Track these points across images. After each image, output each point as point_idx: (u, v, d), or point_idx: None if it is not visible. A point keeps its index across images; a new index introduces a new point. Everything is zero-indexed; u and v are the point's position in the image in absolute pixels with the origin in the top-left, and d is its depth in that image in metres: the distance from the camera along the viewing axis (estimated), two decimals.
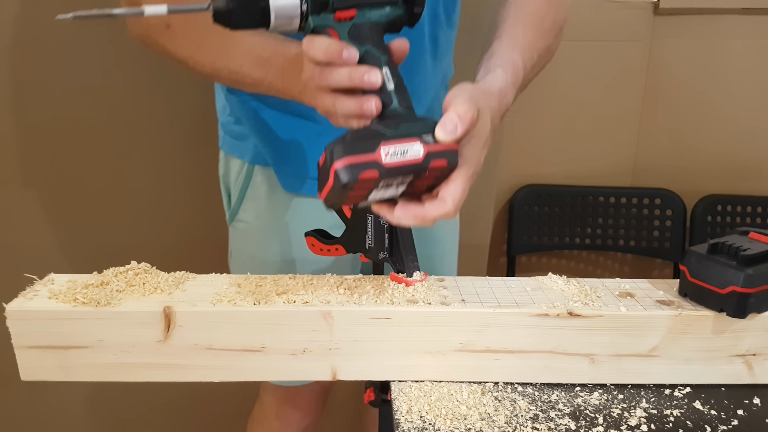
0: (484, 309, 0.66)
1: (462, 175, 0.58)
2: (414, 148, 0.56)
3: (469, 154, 0.60)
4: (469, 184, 0.59)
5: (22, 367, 0.66)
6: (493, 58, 0.72)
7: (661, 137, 1.62)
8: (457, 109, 0.57)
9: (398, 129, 0.57)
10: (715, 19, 1.52)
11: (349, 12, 0.60)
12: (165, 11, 0.57)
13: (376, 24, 0.61)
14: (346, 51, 0.59)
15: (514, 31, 0.76)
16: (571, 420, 0.63)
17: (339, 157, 0.54)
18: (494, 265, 1.70)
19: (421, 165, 0.56)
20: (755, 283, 0.63)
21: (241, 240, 0.99)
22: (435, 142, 0.57)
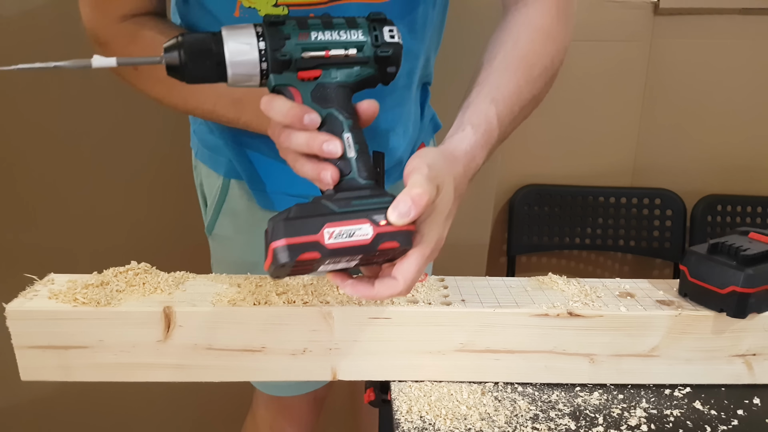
0: (484, 309, 0.66)
1: (417, 254, 0.55)
2: (362, 230, 0.53)
3: (428, 231, 0.56)
4: (427, 263, 0.56)
5: (22, 367, 0.66)
6: (467, 113, 0.66)
7: (661, 137, 1.62)
8: (412, 191, 0.53)
9: (349, 206, 0.54)
10: (715, 19, 1.52)
11: (313, 72, 0.57)
12: (114, 63, 0.54)
13: (342, 84, 0.58)
14: (307, 116, 0.56)
15: (497, 80, 0.69)
16: (571, 420, 0.63)
17: (278, 237, 0.52)
18: (494, 265, 1.70)
19: (368, 247, 0.53)
20: (755, 283, 0.63)
21: (220, 252, 0.96)
22: (387, 223, 0.53)
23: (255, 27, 0.55)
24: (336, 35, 0.57)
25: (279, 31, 0.55)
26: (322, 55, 0.56)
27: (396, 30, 0.59)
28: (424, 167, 0.55)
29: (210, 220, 0.94)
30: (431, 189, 0.54)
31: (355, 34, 0.57)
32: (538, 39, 0.72)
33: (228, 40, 0.54)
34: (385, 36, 0.58)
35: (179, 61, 0.54)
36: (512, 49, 0.71)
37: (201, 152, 0.93)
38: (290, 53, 0.55)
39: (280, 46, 0.55)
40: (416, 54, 0.83)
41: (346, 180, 0.56)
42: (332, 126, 0.57)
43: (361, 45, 0.57)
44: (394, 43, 0.58)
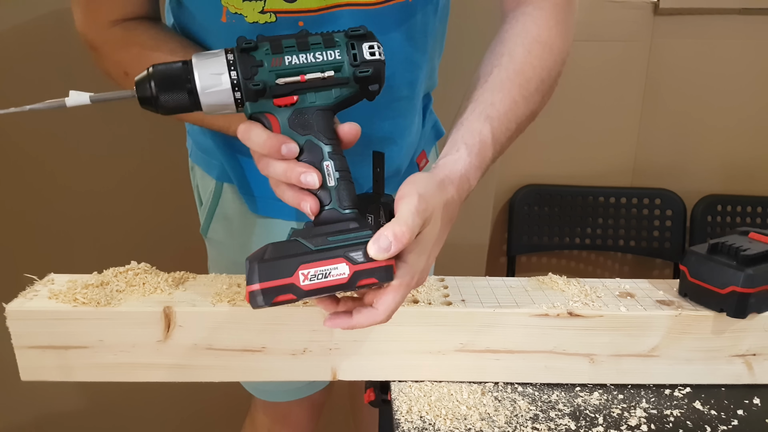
0: (484, 309, 0.66)
1: (399, 285, 0.54)
2: (338, 269, 0.52)
3: (412, 262, 0.55)
4: (407, 293, 0.56)
5: (22, 367, 0.66)
6: (461, 131, 0.65)
7: (661, 137, 1.62)
8: (395, 228, 0.52)
9: (325, 243, 0.53)
10: (715, 19, 1.52)
11: (289, 98, 0.55)
12: (88, 100, 0.54)
13: (322, 108, 0.56)
14: (284, 147, 0.54)
15: (491, 96, 0.67)
16: (571, 420, 0.63)
17: (252, 282, 0.52)
18: (494, 265, 1.70)
19: (346, 285, 0.52)
20: (755, 283, 0.63)
21: (215, 254, 0.96)
22: (366, 259, 0.52)
23: (226, 54, 0.54)
24: (311, 57, 0.55)
25: (251, 58, 0.53)
26: (298, 80, 0.54)
27: (377, 46, 0.56)
28: (414, 198, 0.54)
29: (204, 222, 0.93)
30: (417, 224, 0.53)
31: (332, 53, 0.55)
32: (535, 51, 0.70)
33: (198, 71, 0.53)
34: (365, 53, 0.56)
35: (150, 93, 0.53)
36: (508, 63, 0.69)
37: (195, 154, 0.93)
38: (263, 81, 0.54)
39: (253, 74, 0.53)
40: (418, 64, 0.80)
41: (327, 210, 0.55)
42: (311, 153, 0.55)
43: (339, 65, 0.55)
44: (374, 60, 0.56)
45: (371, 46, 0.56)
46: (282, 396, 1.01)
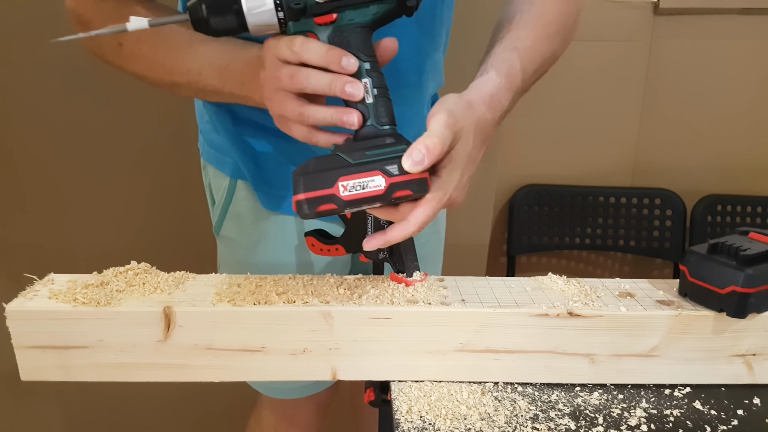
0: (484, 309, 0.66)
1: (432, 199, 0.57)
2: (375, 182, 0.56)
3: (445, 177, 0.58)
4: (440, 208, 0.58)
5: (22, 367, 0.66)
6: (490, 59, 0.69)
7: (661, 137, 1.62)
8: (427, 140, 0.55)
9: (363, 157, 0.56)
10: (715, 19, 1.52)
11: (328, 17, 0.57)
12: (147, 24, 0.57)
13: (361, 25, 0.58)
14: (345, 59, 0.57)
15: (517, 33, 0.72)
16: (571, 420, 0.63)
17: (298, 192, 0.56)
18: (494, 265, 1.70)
19: (383, 197, 0.56)
20: (755, 283, 0.63)
21: (227, 253, 0.96)
22: (401, 172, 0.55)
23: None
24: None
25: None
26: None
27: None
28: (444, 113, 0.56)
29: (217, 220, 0.93)
30: (447, 137, 0.55)
31: None
32: (553, 0, 0.75)
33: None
34: None
35: (201, 15, 0.56)
36: (529, 9, 0.74)
37: (207, 153, 0.93)
38: (304, 1, 0.56)
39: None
40: (426, 50, 0.82)
41: (365, 127, 0.58)
42: None
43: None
44: None
45: None
46: (289, 393, 1.01)
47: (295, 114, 0.60)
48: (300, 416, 1.07)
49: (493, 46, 0.72)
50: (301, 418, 1.08)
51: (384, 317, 0.65)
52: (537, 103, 1.55)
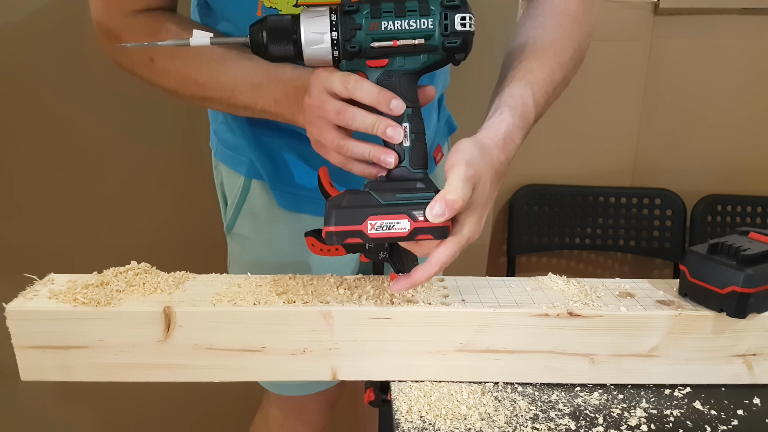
0: (484, 309, 0.66)
1: (453, 242, 0.61)
2: (401, 224, 0.59)
3: (464, 222, 0.61)
4: (459, 249, 0.62)
5: (22, 367, 0.66)
6: (503, 96, 0.69)
7: (661, 137, 1.62)
8: (447, 196, 0.57)
9: (393, 199, 0.60)
10: (715, 19, 1.52)
11: (380, 61, 0.60)
12: (208, 42, 0.59)
13: (409, 72, 0.61)
14: (394, 101, 0.60)
15: (530, 64, 0.71)
16: (571, 420, 0.63)
17: (329, 224, 0.60)
18: (494, 265, 1.70)
19: (406, 238, 0.60)
20: (755, 283, 0.63)
21: (239, 252, 0.96)
22: (425, 218, 0.59)
23: (330, 15, 0.58)
24: (406, 24, 0.59)
25: (351, 20, 0.58)
26: (390, 45, 0.59)
27: (470, 17, 0.59)
28: (462, 167, 0.58)
29: (230, 219, 0.94)
30: (467, 192, 0.58)
31: (425, 22, 0.59)
32: (566, 24, 0.75)
33: (304, 27, 0.59)
34: (457, 25, 0.59)
35: (261, 40, 0.59)
36: (542, 35, 0.74)
37: (221, 152, 0.93)
38: (360, 44, 0.59)
39: (351, 36, 0.59)
40: None
41: (399, 168, 0.62)
42: None
43: (430, 34, 0.59)
44: (464, 32, 0.59)
45: (463, 17, 0.59)
46: (296, 390, 1.01)
47: (335, 145, 0.63)
48: (307, 413, 1.07)
49: (505, 78, 0.71)
50: (308, 414, 1.08)
51: (384, 317, 0.65)
52: None
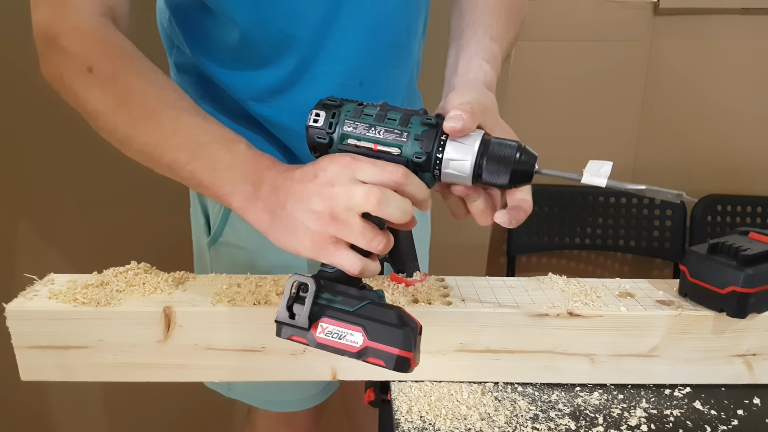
0: (484, 309, 0.66)
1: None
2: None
3: (497, 120, 0.61)
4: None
5: (22, 367, 0.66)
6: (472, 46, 0.69)
7: (661, 137, 1.62)
8: (455, 103, 0.57)
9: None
10: (715, 19, 1.52)
11: None
12: (604, 184, 0.54)
13: None
14: (430, 202, 0.59)
15: (487, 20, 0.73)
16: (571, 420, 0.63)
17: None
18: (494, 265, 1.70)
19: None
20: (755, 283, 0.63)
21: (227, 260, 0.91)
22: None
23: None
24: None
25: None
26: None
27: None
28: (458, 91, 0.61)
29: (216, 229, 0.89)
30: (474, 100, 0.58)
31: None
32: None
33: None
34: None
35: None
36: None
37: None
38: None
39: None
40: (416, 10, 0.84)
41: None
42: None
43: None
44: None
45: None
46: (283, 406, 1.00)
47: (351, 265, 0.56)
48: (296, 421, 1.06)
49: (464, 31, 0.72)
50: (297, 422, 1.06)
51: None
52: (537, 103, 1.55)
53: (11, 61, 1.31)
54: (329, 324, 0.54)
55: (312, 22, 0.75)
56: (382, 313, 0.54)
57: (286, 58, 0.77)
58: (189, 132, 0.62)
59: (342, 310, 0.54)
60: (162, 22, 0.85)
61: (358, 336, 0.54)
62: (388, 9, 0.78)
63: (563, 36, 1.52)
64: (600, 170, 0.55)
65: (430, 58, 0.97)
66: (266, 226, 0.59)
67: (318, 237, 0.55)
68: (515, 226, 0.59)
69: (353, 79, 0.80)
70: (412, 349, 0.53)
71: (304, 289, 0.55)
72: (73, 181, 1.42)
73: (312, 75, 0.78)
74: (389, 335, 0.53)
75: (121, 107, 0.63)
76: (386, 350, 0.53)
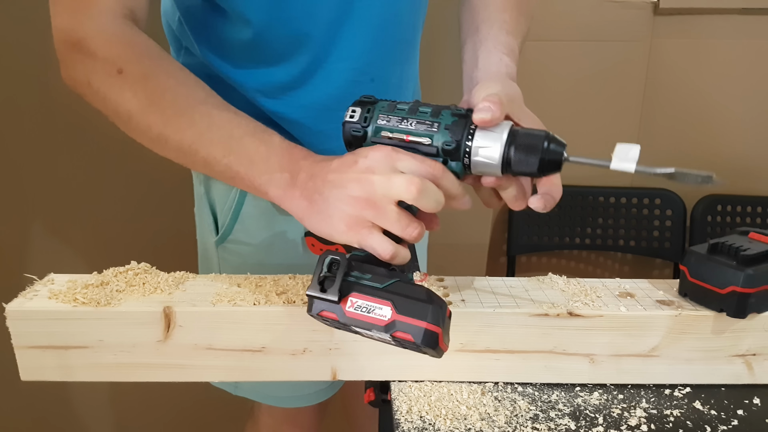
0: (484, 309, 0.66)
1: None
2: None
3: (524, 110, 0.62)
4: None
5: (22, 367, 0.66)
6: (489, 41, 0.71)
7: (661, 137, 1.62)
8: (483, 95, 0.58)
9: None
10: (715, 19, 1.52)
11: None
12: (633, 170, 0.57)
13: None
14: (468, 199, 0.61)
15: (501, 15, 0.74)
16: (571, 420, 0.63)
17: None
18: (494, 265, 1.70)
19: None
20: (755, 283, 0.63)
21: (237, 259, 0.91)
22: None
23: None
24: None
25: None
26: None
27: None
28: (484, 83, 0.61)
29: (225, 228, 0.89)
30: (501, 90, 0.59)
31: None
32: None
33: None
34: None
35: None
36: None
37: None
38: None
39: None
40: (419, 8, 0.85)
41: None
42: None
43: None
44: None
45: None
46: (290, 402, 1.00)
47: (383, 249, 0.58)
48: (300, 418, 1.06)
49: (480, 27, 0.73)
50: (301, 419, 1.07)
51: None
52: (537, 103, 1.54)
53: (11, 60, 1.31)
54: (359, 298, 0.56)
55: (325, 20, 0.75)
56: (411, 290, 0.55)
57: (299, 56, 0.77)
58: (223, 127, 0.63)
59: (371, 286, 0.56)
60: (170, 24, 0.85)
61: (387, 310, 0.55)
62: (396, 6, 0.79)
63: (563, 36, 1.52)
64: (628, 154, 0.57)
65: (423, 55, 0.98)
66: (303, 212, 0.61)
67: (353, 220, 0.57)
68: (548, 210, 0.61)
69: (364, 75, 0.80)
70: (440, 324, 0.54)
71: (336, 265, 0.56)
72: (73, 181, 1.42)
73: (324, 72, 0.79)
74: (418, 309, 0.54)
75: (153, 107, 0.64)
76: (414, 323, 0.54)
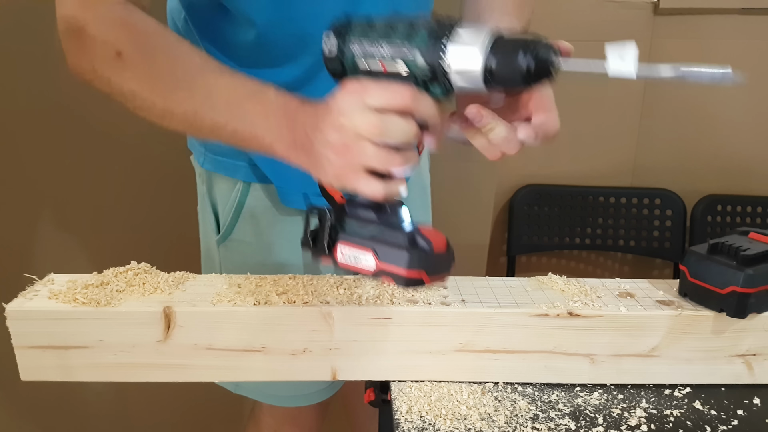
0: (484, 309, 0.66)
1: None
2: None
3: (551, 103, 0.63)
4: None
5: (22, 367, 0.66)
6: (492, 24, 0.71)
7: (661, 137, 1.62)
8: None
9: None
10: (715, 19, 1.52)
11: None
12: (634, 75, 0.52)
13: None
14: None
15: (505, 6, 0.76)
16: (571, 420, 0.63)
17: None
18: (494, 265, 1.70)
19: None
20: (755, 283, 0.63)
21: (237, 259, 0.91)
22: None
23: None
24: None
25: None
26: None
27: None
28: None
29: (227, 226, 0.90)
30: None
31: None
32: None
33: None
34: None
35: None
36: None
37: (210, 161, 0.89)
38: None
39: None
40: (424, 2, 0.85)
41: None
42: None
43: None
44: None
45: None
46: (291, 401, 1.00)
47: (371, 189, 0.56)
48: (301, 418, 1.06)
49: (481, 14, 0.75)
50: (302, 419, 1.07)
51: (384, 317, 0.65)
52: None
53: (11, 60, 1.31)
54: (346, 246, 0.57)
55: (330, 20, 0.75)
56: (393, 236, 0.55)
57: (303, 57, 0.77)
58: (222, 93, 0.64)
59: (356, 234, 0.56)
60: (175, 22, 0.85)
61: (370, 258, 0.55)
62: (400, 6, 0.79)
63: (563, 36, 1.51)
64: (625, 56, 0.51)
65: None
66: (306, 165, 0.60)
67: (338, 168, 0.56)
68: (542, 142, 0.59)
69: None
70: (423, 266, 0.54)
71: (323, 217, 0.57)
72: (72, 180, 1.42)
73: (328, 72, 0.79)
74: (397, 256, 0.54)
75: (153, 84, 0.66)
76: (395, 272, 0.54)
